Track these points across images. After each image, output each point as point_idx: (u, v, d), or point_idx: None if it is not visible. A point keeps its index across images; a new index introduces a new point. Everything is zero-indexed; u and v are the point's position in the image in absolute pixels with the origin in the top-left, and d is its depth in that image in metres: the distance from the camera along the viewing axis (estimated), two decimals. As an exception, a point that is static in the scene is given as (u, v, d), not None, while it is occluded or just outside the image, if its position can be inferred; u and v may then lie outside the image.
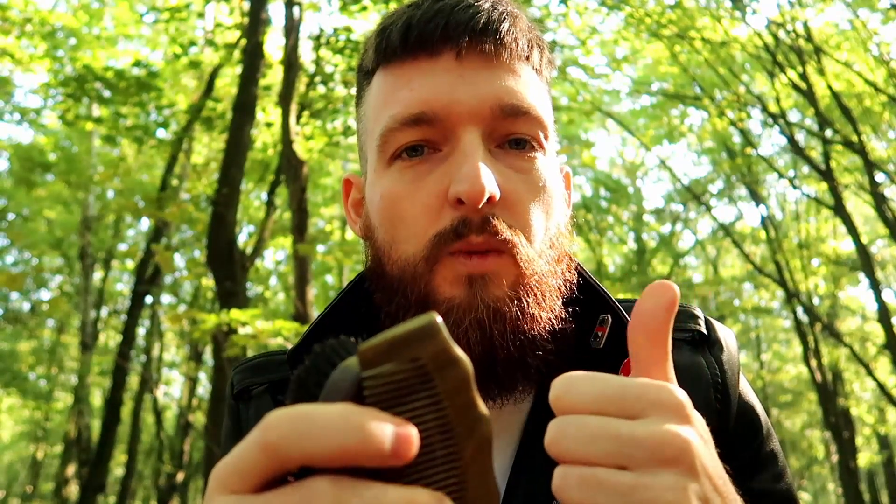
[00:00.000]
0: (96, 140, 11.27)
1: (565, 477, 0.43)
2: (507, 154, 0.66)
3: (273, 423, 0.33)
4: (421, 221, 0.64)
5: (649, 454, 0.41)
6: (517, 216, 0.64)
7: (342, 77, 7.13)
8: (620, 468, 0.41)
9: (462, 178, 0.61)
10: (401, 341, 0.34)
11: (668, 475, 0.41)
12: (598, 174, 15.88)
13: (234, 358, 5.07)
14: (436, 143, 0.65)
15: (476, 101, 0.64)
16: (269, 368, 0.79)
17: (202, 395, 15.12)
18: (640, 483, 0.41)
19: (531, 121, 0.66)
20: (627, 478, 0.41)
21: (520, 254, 0.63)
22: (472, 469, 0.35)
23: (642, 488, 0.41)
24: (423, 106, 0.64)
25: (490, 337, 0.61)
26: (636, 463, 0.41)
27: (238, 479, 0.34)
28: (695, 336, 0.74)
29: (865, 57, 9.05)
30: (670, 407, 0.43)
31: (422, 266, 0.63)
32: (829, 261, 12.80)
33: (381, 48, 0.68)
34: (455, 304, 0.62)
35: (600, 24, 9.80)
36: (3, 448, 22.10)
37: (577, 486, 0.42)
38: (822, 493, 24.92)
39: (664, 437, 0.42)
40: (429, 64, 0.65)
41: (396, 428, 0.32)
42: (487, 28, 0.65)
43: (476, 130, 0.64)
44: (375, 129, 0.68)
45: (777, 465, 0.73)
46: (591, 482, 0.41)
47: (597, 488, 0.41)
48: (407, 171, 0.65)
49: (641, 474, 0.41)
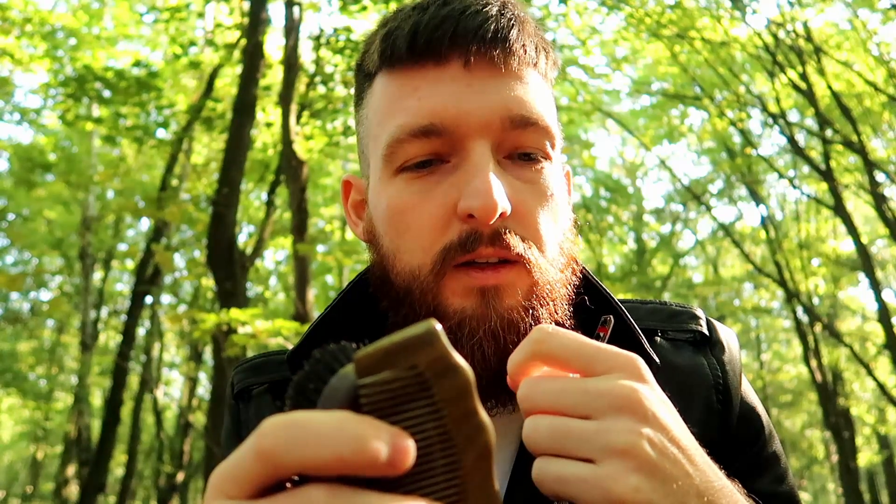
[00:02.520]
0: (96, 140, 11.26)
1: (536, 427, 0.49)
2: (515, 165, 0.65)
3: (268, 431, 0.32)
4: (428, 233, 0.63)
5: (607, 403, 0.48)
6: (528, 228, 0.64)
7: (342, 77, 7.12)
8: (584, 418, 0.48)
9: (473, 194, 0.60)
10: (398, 349, 0.34)
11: (624, 420, 0.48)
12: (598, 174, 15.87)
13: (234, 358, 5.07)
14: (444, 154, 0.64)
15: (485, 112, 0.63)
16: (269, 368, 0.78)
17: (202, 395, 15.13)
18: (601, 428, 0.48)
19: (539, 132, 0.65)
20: (591, 425, 0.48)
21: (533, 264, 0.63)
22: (473, 478, 0.34)
23: (603, 432, 0.47)
24: (432, 117, 0.63)
25: (504, 348, 0.61)
26: (598, 412, 0.48)
27: (234, 486, 0.34)
28: (696, 337, 0.74)
29: (865, 57, 9.04)
30: (626, 367, 0.50)
31: (429, 279, 0.63)
32: (829, 261, 12.80)
33: (386, 52, 0.67)
34: (467, 315, 0.62)
35: (600, 24, 9.81)
36: (3, 448, 22.11)
37: (548, 433, 0.49)
38: (822, 493, 24.93)
39: (620, 389, 0.49)
40: (436, 72, 0.64)
41: (392, 438, 0.32)
42: (497, 35, 0.64)
43: (485, 142, 0.63)
44: (381, 135, 0.67)
45: (779, 466, 0.73)
46: (560, 429, 0.48)
47: (564, 434, 0.48)
48: (414, 181, 0.64)
49: (602, 421, 0.48)
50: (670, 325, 0.75)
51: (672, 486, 0.47)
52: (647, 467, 0.47)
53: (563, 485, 0.48)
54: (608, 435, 0.47)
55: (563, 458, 0.48)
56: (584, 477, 0.47)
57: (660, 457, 0.47)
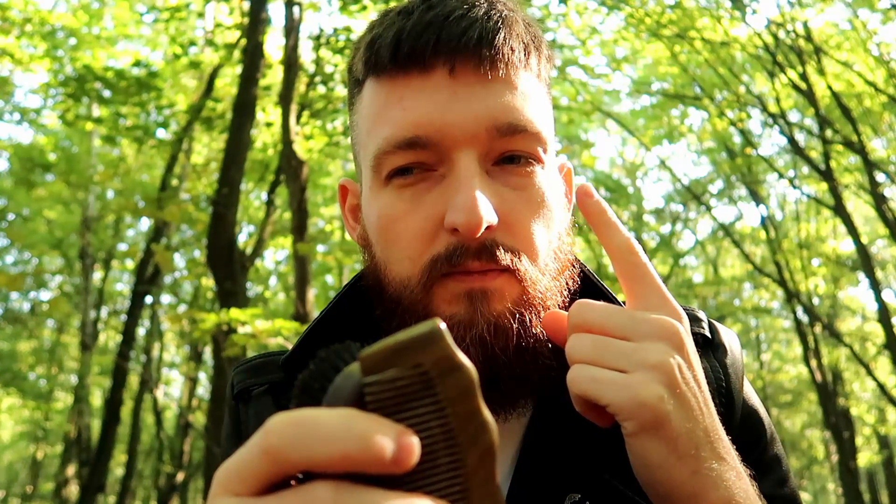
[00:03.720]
0: (96, 140, 11.26)
1: (580, 339, 0.56)
2: (503, 171, 0.64)
3: (275, 428, 0.33)
4: (416, 245, 0.63)
5: (649, 329, 0.55)
6: (518, 237, 0.63)
7: (342, 77, 7.12)
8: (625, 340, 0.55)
9: (458, 208, 0.59)
10: (403, 347, 0.34)
11: (661, 344, 0.55)
12: (598, 174, 15.85)
13: (234, 358, 5.07)
14: (431, 164, 0.63)
15: (471, 122, 0.61)
16: (269, 369, 0.78)
17: (202, 395, 15.13)
18: (639, 347, 0.54)
19: (529, 137, 0.64)
20: (630, 344, 0.55)
21: (522, 274, 0.62)
22: (476, 477, 0.35)
23: (641, 350, 0.54)
24: (417, 129, 0.62)
25: (492, 354, 0.60)
26: (639, 336, 0.55)
27: (240, 482, 0.34)
28: (698, 339, 0.73)
29: (865, 57, 9.04)
30: (673, 313, 0.59)
31: (419, 291, 0.63)
32: (829, 261, 12.80)
33: (370, 61, 0.65)
34: (456, 320, 0.61)
35: (600, 24, 9.77)
36: (3, 448, 22.10)
37: (590, 345, 0.55)
38: (822, 493, 24.93)
39: (664, 322, 0.56)
40: (420, 80, 0.62)
41: (397, 435, 0.32)
42: (482, 41, 0.61)
43: (471, 153, 0.62)
44: (369, 145, 0.66)
45: (781, 469, 0.73)
46: (602, 343, 0.55)
47: (605, 347, 0.55)
48: (403, 191, 0.64)
49: (641, 343, 0.55)
50: None
51: (689, 411, 0.54)
52: (673, 384, 0.53)
53: (595, 384, 0.53)
54: (644, 352, 0.54)
55: (599, 367, 0.54)
56: (615, 380, 0.53)
57: (684, 382, 0.54)
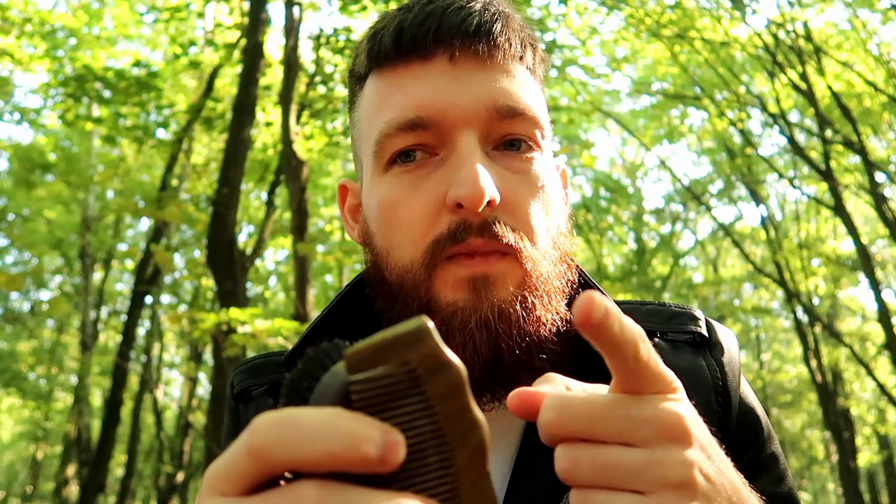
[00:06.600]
0: (96, 140, 11.26)
1: (575, 461, 0.43)
2: (504, 156, 0.65)
3: (260, 428, 0.33)
4: (418, 227, 0.64)
5: (652, 432, 0.43)
6: (519, 218, 0.63)
7: (342, 77, 7.12)
8: (627, 446, 0.43)
9: (460, 182, 0.60)
10: (389, 345, 0.34)
11: (675, 451, 0.43)
12: (598, 174, 15.86)
13: (234, 358, 5.07)
14: (432, 147, 0.65)
15: (471, 103, 0.63)
16: (269, 369, 0.78)
17: (202, 395, 15.13)
18: (651, 460, 0.42)
19: (527, 121, 0.65)
20: (638, 455, 0.42)
21: (524, 255, 0.62)
22: (467, 476, 0.34)
23: (655, 465, 0.42)
24: (419, 110, 0.64)
25: (496, 338, 0.61)
26: (642, 440, 0.43)
27: (227, 483, 0.34)
28: (695, 338, 0.73)
29: (865, 57, 9.04)
30: (667, 387, 0.45)
31: (421, 273, 0.63)
32: (829, 261, 12.80)
33: (373, 53, 0.68)
34: (459, 307, 0.62)
35: (600, 25, 9.78)
36: (3, 448, 22.11)
37: (591, 468, 0.42)
38: (822, 493, 24.93)
39: (665, 415, 0.43)
40: (422, 68, 0.65)
41: (383, 434, 0.32)
42: (480, 29, 0.64)
43: (472, 133, 0.63)
44: (371, 134, 0.67)
45: (778, 467, 0.73)
46: (606, 463, 0.42)
47: (611, 468, 0.42)
48: (404, 176, 0.65)
49: (651, 451, 0.42)
50: (669, 327, 0.75)
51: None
52: (702, 498, 0.44)
53: None
54: (661, 468, 0.43)
55: (608, 490, 0.43)
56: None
57: (708, 483, 0.45)
